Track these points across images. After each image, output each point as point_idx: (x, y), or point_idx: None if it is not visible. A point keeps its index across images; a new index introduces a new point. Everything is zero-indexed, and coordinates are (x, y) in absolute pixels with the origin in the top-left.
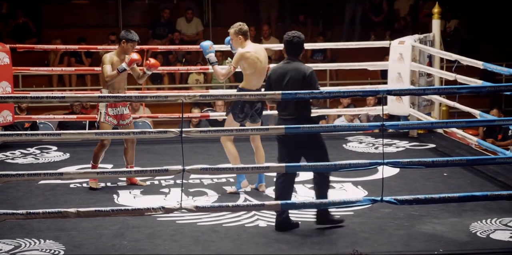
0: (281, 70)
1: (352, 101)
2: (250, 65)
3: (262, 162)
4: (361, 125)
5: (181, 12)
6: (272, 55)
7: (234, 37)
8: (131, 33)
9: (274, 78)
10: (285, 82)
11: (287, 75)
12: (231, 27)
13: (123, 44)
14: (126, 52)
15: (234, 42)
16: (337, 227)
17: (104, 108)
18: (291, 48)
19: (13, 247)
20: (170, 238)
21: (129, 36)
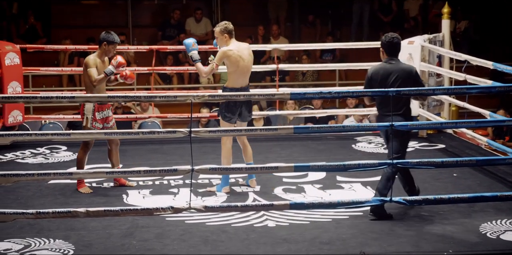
0: (383, 70)
1: (361, 101)
2: (232, 63)
3: (250, 159)
4: (370, 125)
5: (190, 12)
6: (281, 56)
7: (219, 35)
8: (112, 35)
9: (376, 78)
10: (391, 81)
11: (392, 74)
12: (216, 25)
13: (104, 46)
14: (107, 54)
15: (219, 41)
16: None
17: (91, 113)
18: (392, 48)
19: (23, 246)
20: (179, 238)
21: (110, 38)
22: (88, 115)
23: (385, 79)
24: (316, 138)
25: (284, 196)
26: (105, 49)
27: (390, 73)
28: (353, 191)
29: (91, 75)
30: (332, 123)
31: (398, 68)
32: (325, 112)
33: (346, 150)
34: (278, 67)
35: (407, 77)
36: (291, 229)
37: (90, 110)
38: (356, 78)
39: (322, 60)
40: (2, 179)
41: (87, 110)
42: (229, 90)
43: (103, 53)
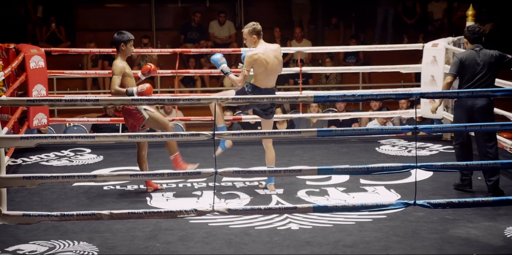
0: (473, 56)
1: (384, 104)
2: (259, 66)
3: (272, 163)
4: (394, 128)
5: (213, 15)
6: (305, 59)
7: (248, 36)
8: (124, 34)
9: (467, 64)
10: (480, 65)
11: (480, 59)
12: (244, 27)
13: (123, 47)
14: (128, 53)
15: (248, 42)
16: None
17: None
18: (475, 36)
19: (47, 248)
20: (203, 240)
21: (125, 37)
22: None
23: (475, 64)
24: (339, 141)
25: (308, 199)
26: (125, 50)
27: (477, 58)
28: (377, 194)
29: (113, 83)
30: (356, 126)
31: (484, 53)
32: (349, 115)
33: (369, 153)
34: (301, 70)
35: (493, 60)
36: (315, 232)
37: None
38: (379, 80)
39: (345, 62)
40: (27, 182)
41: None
42: (250, 86)
43: (124, 55)
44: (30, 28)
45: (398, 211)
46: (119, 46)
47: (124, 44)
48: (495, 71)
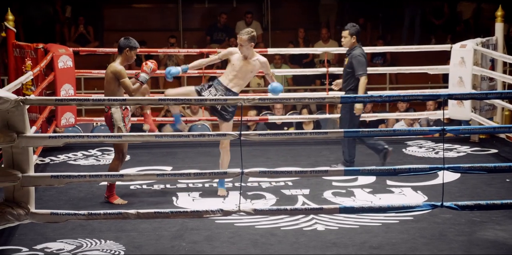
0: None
1: (411, 105)
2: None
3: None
4: (421, 130)
5: (240, 15)
6: (331, 59)
7: (246, 43)
8: (132, 40)
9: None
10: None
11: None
12: (242, 33)
13: (127, 52)
14: (130, 60)
15: (245, 49)
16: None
17: (121, 121)
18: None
19: (75, 247)
20: (228, 240)
21: (132, 44)
22: (120, 124)
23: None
24: None
25: (334, 199)
26: (128, 56)
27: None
28: (403, 195)
29: (128, 86)
30: (382, 127)
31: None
32: (375, 116)
33: (396, 154)
34: (328, 70)
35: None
36: (341, 233)
37: (120, 119)
38: (406, 81)
39: (372, 63)
40: (55, 181)
41: (116, 120)
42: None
43: (125, 60)
44: (58, 28)
45: (425, 213)
46: (124, 51)
47: (129, 50)
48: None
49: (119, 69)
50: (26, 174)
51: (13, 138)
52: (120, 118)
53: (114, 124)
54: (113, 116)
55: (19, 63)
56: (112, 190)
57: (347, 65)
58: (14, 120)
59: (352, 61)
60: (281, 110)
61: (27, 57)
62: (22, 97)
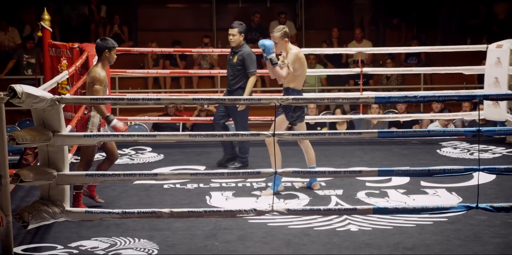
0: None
1: (446, 105)
2: (302, 65)
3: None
4: (456, 130)
5: (274, 15)
6: (365, 59)
7: (279, 40)
8: (108, 40)
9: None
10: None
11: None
12: (274, 31)
13: (106, 54)
14: (111, 60)
15: (279, 46)
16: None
17: (96, 128)
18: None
19: (109, 245)
20: (261, 240)
21: (110, 44)
22: (94, 129)
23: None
24: (400, 142)
25: (367, 200)
26: (108, 57)
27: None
28: (438, 196)
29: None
30: (417, 128)
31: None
32: (410, 116)
33: (430, 155)
34: (362, 70)
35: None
36: (374, 234)
37: (95, 125)
38: (441, 82)
39: (407, 63)
40: (90, 179)
41: (92, 124)
42: (296, 92)
43: (107, 62)
44: (93, 27)
45: (460, 214)
46: (103, 53)
47: (108, 51)
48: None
49: (97, 74)
50: (61, 172)
51: (49, 136)
52: (96, 124)
53: (88, 127)
54: (90, 120)
55: (55, 62)
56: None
57: (237, 62)
58: (50, 119)
59: (244, 59)
60: (314, 110)
61: (63, 57)
62: (58, 96)
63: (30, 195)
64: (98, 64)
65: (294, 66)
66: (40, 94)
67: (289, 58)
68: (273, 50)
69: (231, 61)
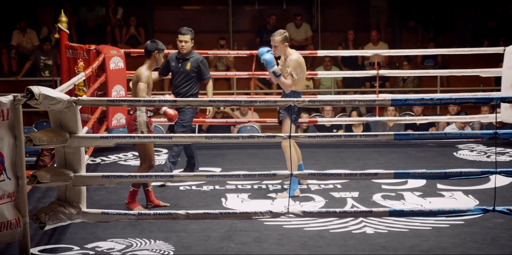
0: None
1: (463, 108)
2: (302, 70)
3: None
4: (472, 133)
5: (290, 17)
6: (381, 62)
7: (280, 44)
8: (159, 42)
9: None
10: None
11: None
12: (274, 35)
13: (156, 55)
14: (158, 63)
15: (279, 50)
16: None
17: (145, 127)
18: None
19: (125, 246)
20: (277, 242)
21: (160, 46)
22: (144, 129)
23: None
24: (416, 145)
25: (383, 203)
26: (157, 58)
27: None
28: (454, 199)
29: (141, 90)
30: (433, 130)
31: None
32: (426, 118)
33: (447, 158)
34: (378, 72)
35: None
36: (390, 237)
37: (143, 124)
38: (458, 84)
39: (423, 66)
40: (106, 180)
41: (140, 124)
42: (297, 94)
43: (154, 63)
44: (110, 29)
45: (476, 217)
46: (153, 54)
47: (157, 53)
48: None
49: (142, 73)
50: (78, 173)
51: (66, 138)
52: (144, 123)
53: (137, 128)
54: (137, 120)
55: (72, 64)
56: (133, 197)
57: (191, 69)
58: (66, 120)
59: (199, 65)
60: (330, 112)
61: (80, 58)
62: (75, 98)
63: (47, 196)
64: (145, 65)
65: (296, 71)
66: (57, 95)
67: (291, 65)
68: (274, 62)
69: (182, 69)
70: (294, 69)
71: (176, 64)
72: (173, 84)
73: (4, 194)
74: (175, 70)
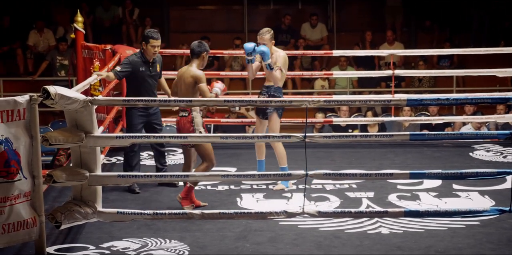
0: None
1: (479, 108)
2: (286, 67)
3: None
4: (489, 133)
5: (305, 17)
6: (397, 62)
7: (268, 42)
8: (205, 43)
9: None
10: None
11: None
12: (263, 33)
13: (205, 55)
14: (204, 64)
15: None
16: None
17: (201, 127)
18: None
19: (140, 246)
20: (292, 242)
21: (208, 47)
22: (201, 129)
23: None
24: (431, 145)
25: (399, 203)
26: (205, 59)
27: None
28: (470, 200)
29: (206, 91)
30: (449, 130)
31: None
32: (442, 119)
33: (463, 158)
34: (394, 72)
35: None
36: (405, 237)
37: (201, 124)
38: (474, 84)
39: (439, 66)
40: (121, 180)
41: (198, 124)
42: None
43: (201, 64)
44: (125, 29)
45: (492, 218)
46: (202, 55)
47: (206, 53)
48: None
49: (200, 74)
50: (93, 173)
51: (81, 137)
52: (201, 123)
53: (196, 129)
54: (195, 120)
55: (88, 64)
56: (188, 193)
57: (160, 71)
58: (82, 120)
59: (161, 65)
60: (347, 113)
61: (95, 58)
62: (91, 98)
63: (63, 195)
64: (193, 65)
65: (284, 67)
66: (73, 95)
67: (279, 60)
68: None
69: (154, 72)
70: (282, 65)
71: (147, 68)
72: (145, 87)
73: (21, 194)
74: (146, 74)
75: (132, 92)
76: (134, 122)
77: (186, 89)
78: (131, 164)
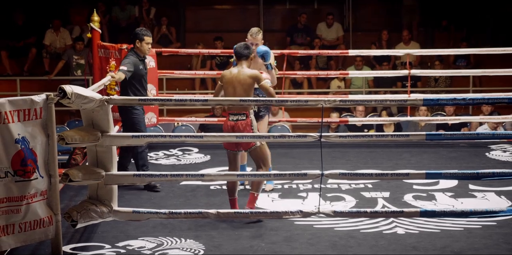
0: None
1: (496, 108)
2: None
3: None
4: (505, 133)
5: (321, 17)
6: (413, 61)
7: (260, 42)
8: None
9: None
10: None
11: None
12: (255, 33)
13: (253, 57)
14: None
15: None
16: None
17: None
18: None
19: (156, 245)
20: (307, 242)
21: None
22: (255, 130)
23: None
24: (447, 145)
25: (414, 203)
26: (253, 60)
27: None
28: (486, 200)
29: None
30: (465, 130)
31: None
32: (458, 119)
33: (479, 158)
34: (410, 72)
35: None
36: (421, 237)
37: (255, 126)
38: (491, 84)
39: (455, 66)
40: (137, 179)
41: (255, 127)
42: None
43: (250, 64)
44: None
45: (509, 218)
46: (250, 56)
47: (254, 55)
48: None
49: (258, 73)
50: (109, 172)
51: (98, 137)
52: (256, 125)
53: (254, 132)
54: (253, 124)
55: (104, 63)
56: (254, 202)
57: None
58: (98, 119)
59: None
60: (363, 113)
61: (112, 58)
62: (107, 97)
63: (79, 194)
64: (243, 66)
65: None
66: (89, 94)
67: (272, 59)
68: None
69: (146, 70)
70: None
71: (143, 67)
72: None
73: (37, 192)
74: (143, 72)
75: (132, 91)
76: (140, 119)
77: (245, 90)
78: (144, 163)
